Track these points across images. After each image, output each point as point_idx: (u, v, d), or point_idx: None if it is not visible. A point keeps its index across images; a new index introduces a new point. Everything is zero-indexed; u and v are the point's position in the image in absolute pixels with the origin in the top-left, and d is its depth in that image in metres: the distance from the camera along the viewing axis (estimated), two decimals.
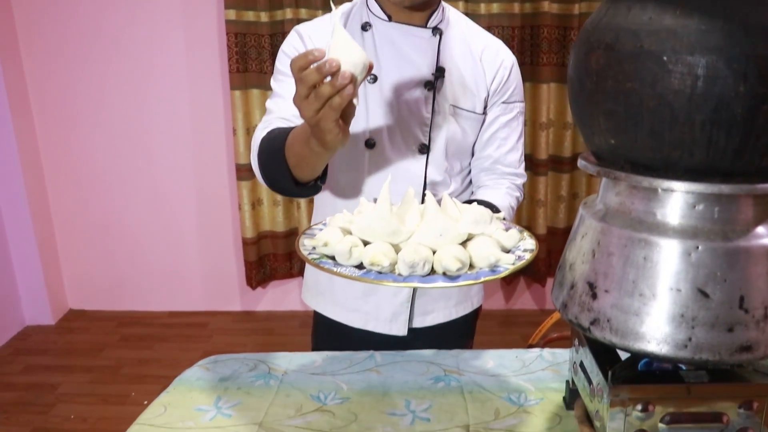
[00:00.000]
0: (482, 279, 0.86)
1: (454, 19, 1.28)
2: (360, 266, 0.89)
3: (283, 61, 1.23)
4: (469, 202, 1.16)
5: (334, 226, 0.97)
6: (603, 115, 0.73)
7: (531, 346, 1.64)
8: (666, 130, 0.68)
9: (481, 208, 0.98)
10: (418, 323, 1.38)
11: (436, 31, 1.23)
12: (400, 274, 0.87)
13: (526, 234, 1.00)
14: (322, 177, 1.15)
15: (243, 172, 3.08)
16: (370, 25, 1.24)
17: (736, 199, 0.70)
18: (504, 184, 1.31)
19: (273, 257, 3.31)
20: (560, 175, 3.13)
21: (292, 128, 1.10)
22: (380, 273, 0.87)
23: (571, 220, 3.19)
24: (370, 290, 1.35)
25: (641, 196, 0.74)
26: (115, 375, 2.85)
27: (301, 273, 3.33)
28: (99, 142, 3.23)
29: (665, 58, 0.65)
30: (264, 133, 1.15)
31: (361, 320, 1.37)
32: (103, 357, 3.01)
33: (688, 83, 0.64)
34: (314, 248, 0.94)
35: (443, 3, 1.27)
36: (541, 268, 3.29)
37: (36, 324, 3.32)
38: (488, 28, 1.34)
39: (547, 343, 1.79)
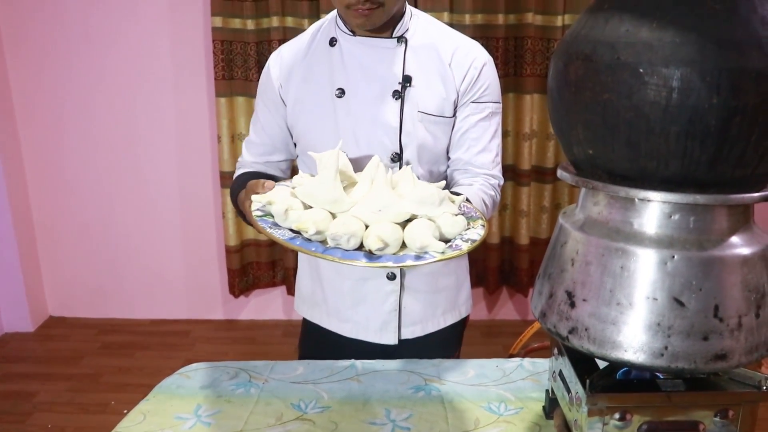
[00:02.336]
0: (405, 263, 0.83)
1: (422, 25, 1.28)
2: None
3: (258, 94, 1.35)
4: None
5: (286, 188, 0.97)
6: (581, 125, 0.74)
7: (512, 356, 1.65)
8: (642, 140, 0.69)
9: (434, 188, 0.93)
10: (407, 334, 1.38)
11: (401, 40, 1.24)
12: (328, 245, 0.85)
13: (479, 223, 0.95)
14: None
15: (227, 179, 3.06)
16: (336, 40, 1.26)
17: (710, 209, 0.72)
18: (478, 181, 1.29)
19: (256, 266, 3.30)
20: (543, 185, 3.15)
21: (251, 175, 1.25)
22: (308, 240, 0.85)
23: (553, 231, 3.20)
24: (359, 300, 1.35)
25: (619, 206, 0.75)
26: (95, 383, 2.81)
27: (284, 282, 3.32)
28: (83, 147, 3.20)
29: (641, 69, 0.66)
30: (237, 174, 1.34)
31: (353, 330, 1.38)
32: (82, 365, 2.97)
33: (664, 95, 0.65)
34: (264, 205, 0.94)
35: (412, 10, 1.27)
36: (524, 279, 3.29)
37: (14, 331, 3.27)
38: (472, 39, 1.33)
39: (528, 352, 1.79)
